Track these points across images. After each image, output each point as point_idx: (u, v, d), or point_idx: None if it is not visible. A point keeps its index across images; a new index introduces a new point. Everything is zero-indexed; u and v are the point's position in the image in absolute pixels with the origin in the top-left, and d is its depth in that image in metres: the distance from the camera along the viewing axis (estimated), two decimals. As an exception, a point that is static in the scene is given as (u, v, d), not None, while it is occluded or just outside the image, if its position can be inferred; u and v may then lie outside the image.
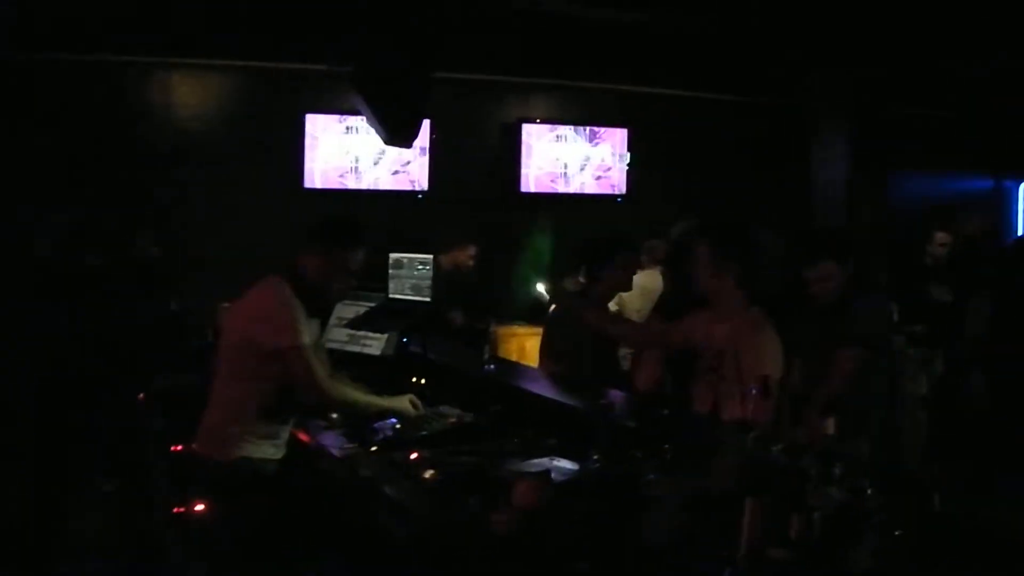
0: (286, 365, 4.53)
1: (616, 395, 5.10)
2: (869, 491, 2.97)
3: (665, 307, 6.36)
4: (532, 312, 8.64)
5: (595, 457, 4.00)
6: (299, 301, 4.61)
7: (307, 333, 4.57)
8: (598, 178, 10.98)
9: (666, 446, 3.68)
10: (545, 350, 6.28)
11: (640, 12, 8.72)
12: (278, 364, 4.54)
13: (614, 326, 5.91)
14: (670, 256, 7.73)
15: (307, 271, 4.69)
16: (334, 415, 5.11)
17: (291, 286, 4.64)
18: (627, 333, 5.93)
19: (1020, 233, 11.62)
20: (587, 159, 10.92)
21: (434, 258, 6.33)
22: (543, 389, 5.48)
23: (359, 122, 9.45)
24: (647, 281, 7.73)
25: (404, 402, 4.99)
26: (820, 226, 9.42)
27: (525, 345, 8.51)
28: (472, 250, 9.07)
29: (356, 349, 6.20)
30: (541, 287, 6.23)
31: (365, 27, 6.28)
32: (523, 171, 10.65)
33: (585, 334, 5.69)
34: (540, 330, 8.88)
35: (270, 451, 4.65)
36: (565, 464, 4.14)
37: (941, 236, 8.62)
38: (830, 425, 3.14)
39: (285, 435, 4.73)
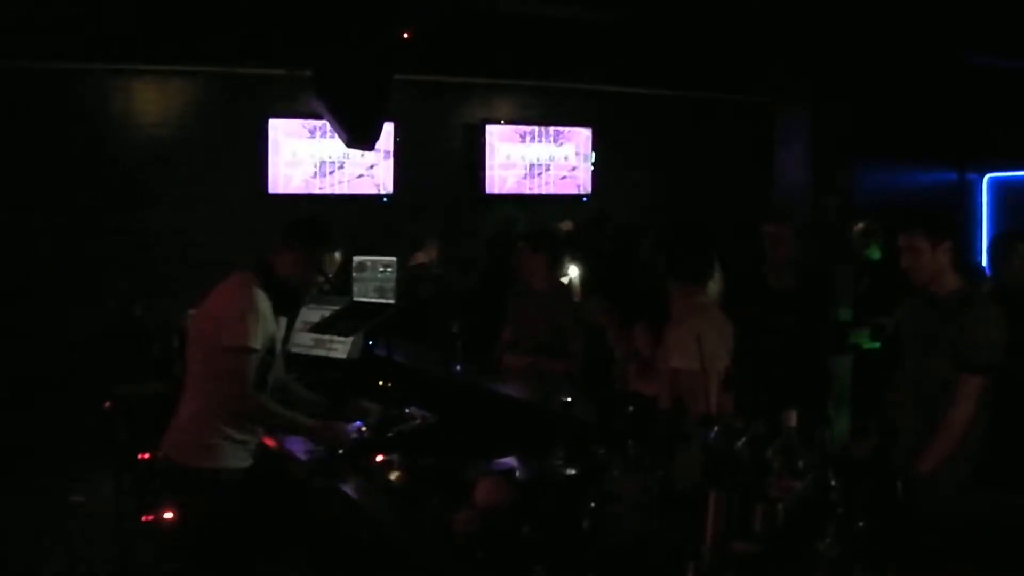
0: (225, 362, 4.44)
1: (579, 392, 5.10)
2: (833, 482, 2.98)
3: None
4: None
5: (559, 455, 3.99)
6: (266, 299, 4.54)
7: (261, 336, 4.49)
8: (563, 178, 10.98)
9: (629, 442, 3.68)
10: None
11: (602, 11, 8.72)
12: None
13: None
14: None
15: (279, 269, 4.62)
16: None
17: (260, 283, 4.56)
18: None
19: (985, 226, 11.65)
20: (551, 159, 10.92)
21: (398, 261, 6.31)
22: (508, 389, 5.49)
23: (322, 126, 9.43)
24: None
25: (335, 427, 4.72)
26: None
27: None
28: (434, 252, 8.87)
29: (322, 353, 6.18)
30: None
31: (323, 30, 6.27)
32: (487, 172, 10.65)
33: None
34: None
35: (241, 457, 4.54)
36: (529, 463, 4.14)
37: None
38: (792, 417, 3.14)
39: (256, 440, 4.61)
